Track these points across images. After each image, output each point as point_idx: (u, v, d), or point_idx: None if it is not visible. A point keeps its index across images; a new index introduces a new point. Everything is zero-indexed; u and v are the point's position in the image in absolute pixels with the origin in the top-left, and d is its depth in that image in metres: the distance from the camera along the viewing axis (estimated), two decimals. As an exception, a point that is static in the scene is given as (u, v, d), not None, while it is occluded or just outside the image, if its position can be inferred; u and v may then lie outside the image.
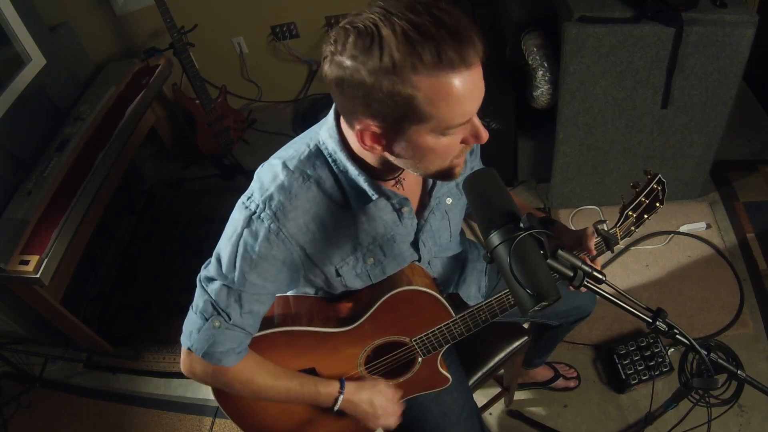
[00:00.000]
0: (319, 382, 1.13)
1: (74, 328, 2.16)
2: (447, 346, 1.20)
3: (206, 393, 2.15)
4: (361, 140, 0.85)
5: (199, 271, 1.03)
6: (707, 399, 1.03)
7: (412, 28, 0.72)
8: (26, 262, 1.85)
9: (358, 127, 0.83)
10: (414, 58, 0.73)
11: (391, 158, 0.88)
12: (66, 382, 2.29)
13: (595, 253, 1.09)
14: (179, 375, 2.23)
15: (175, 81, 2.93)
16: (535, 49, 2.06)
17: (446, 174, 0.91)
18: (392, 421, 1.21)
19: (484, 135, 0.84)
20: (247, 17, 2.97)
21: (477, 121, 0.83)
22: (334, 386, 1.14)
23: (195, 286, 1.03)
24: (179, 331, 1.04)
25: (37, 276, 1.84)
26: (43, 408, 2.22)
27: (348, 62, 0.76)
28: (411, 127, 0.80)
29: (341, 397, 1.13)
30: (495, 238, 0.77)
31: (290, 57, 3.14)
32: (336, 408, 1.14)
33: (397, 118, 0.79)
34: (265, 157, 1.02)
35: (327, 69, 0.80)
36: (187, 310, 1.04)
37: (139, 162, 3.13)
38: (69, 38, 2.64)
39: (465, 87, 0.76)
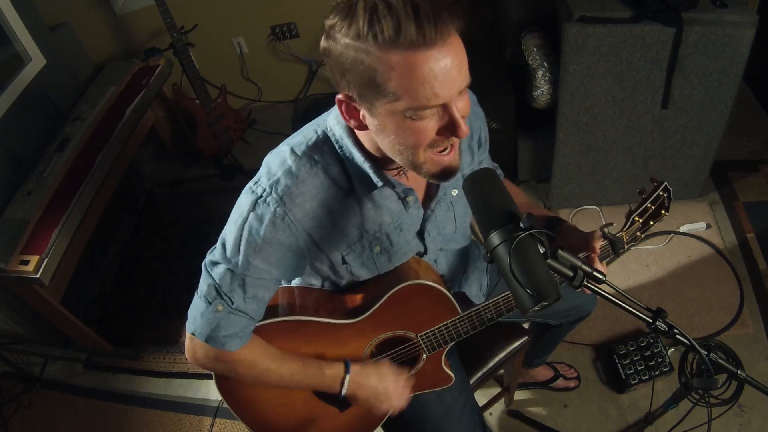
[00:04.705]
0: (323, 364, 1.12)
1: (74, 328, 2.16)
2: (452, 344, 1.20)
3: (206, 393, 2.15)
4: (341, 111, 0.87)
5: (199, 270, 1.03)
6: (707, 399, 1.03)
7: (382, 2, 0.74)
8: (26, 262, 1.85)
9: (339, 97, 0.86)
10: (376, 30, 0.74)
11: (376, 139, 0.89)
12: (66, 382, 2.29)
13: (598, 252, 1.09)
14: (179, 375, 2.23)
15: (175, 81, 2.93)
16: (535, 49, 2.06)
17: (437, 174, 0.88)
18: (402, 403, 1.17)
19: (463, 128, 0.82)
20: (247, 17, 2.97)
21: (455, 111, 0.81)
22: (339, 368, 1.12)
23: (195, 287, 1.03)
24: (179, 331, 1.04)
25: (37, 276, 1.83)
26: (43, 408, 2.22)
27: (330, 32, 0.80)
28: (378, 102, 0.80)
29: (348, 377, 1.11)
30: (495, 238, 0.77)
31: (290, 57, 3.14)
32: (343, 392, 1.12)
33: (364, 89, 0.80)
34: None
35: (321, 41, 0.83)
36: (187, 310, 1.04)
37: (139, 162, 3.13)
38: (69, 38, 2.64)
39: (428, 66, 0.75)
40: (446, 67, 0.76)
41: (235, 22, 3.00)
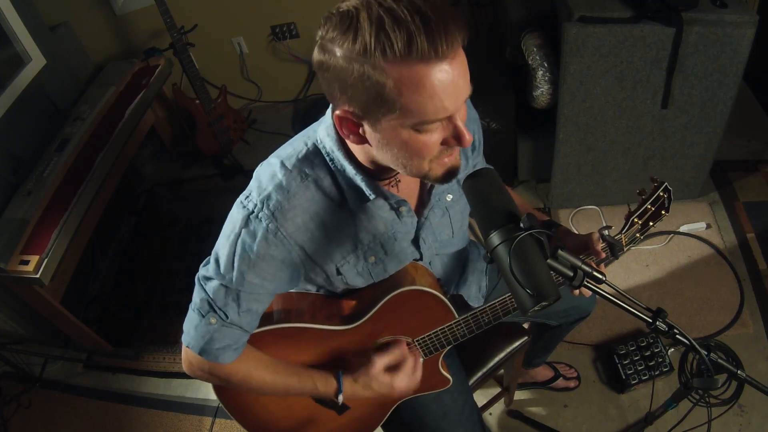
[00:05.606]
0: (317, 379, 1.12)
1: (74, 328, 2.16)
2: (448, 348, 1.20)
3: (206, 393, 2.15)
4: (340, 127, 0.85)
5: (198, 271, 1.03)
6: (707, 399, 1.03)
7: (387, 14, 0.71)
8: (26, 262, 1.85)
9: (337, 112, 0.83)
10: (385, 45, 0.72)
11: (375, 154, 0.88)
12: (66, 382, 2.29)
13: (603, 255, 1.08)
14: (179, 375, 2.23)
15: (175, 81, 2.93)
16: (535, 49, 2.06)
17: (431, 176, 0.88)
18: (405, 386, 1.13)
19: (467, 138, 0.81)
20: (247, 17, 2.97)
21: (459, 122, 0.80)
22: (332, 385, 1.12)
23: (195, 286, 1.03)
24: (179, 331, 1.04)
25: (37, 276, 1.83)
26: (43, 408, 2.22)
27: (328, 46, 0.77)
28: (384, 117, 0.79)
29: (341, 396, 1.13)
30: (495, 238, 0.77)
31: (290, 57, 3.14)
32: (339, 402, 1.14)
33: (369, 104, 0.78)
34: (265, 157, 1.01)
35: (314, 54, 0.81)
36: (187, 310, 1.04)
37: (139, 162, 3.13)
38: (69, 38, 2.64)
39: (437, 80, 0.74)
40: (455, 79, 0.75)
41: (235, 22, 3.00)
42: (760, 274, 2.16)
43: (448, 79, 0.75)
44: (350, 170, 0.93)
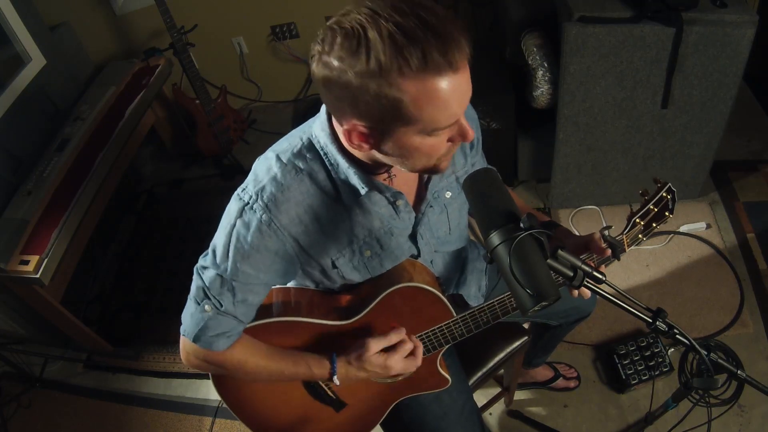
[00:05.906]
0: (312, 364, 1.11)
1: (74, 328, 2.16)
2: (447, 347, 1.20)
3: (206, 393, 2.15)
4: (349, 139, 0.86)
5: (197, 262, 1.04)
6: (707, 399, 1.03)
7: (398, 31, 0.72)
8: (26, 262, 1.85)
9: (345, 126, 0.84)
10: (400, 62, 0.73)
11: (378, 156, 0.89)
12: (66, 382, 2.29)
13: (608, 254, 1.07)
14: (179, 375, 2.23)
15: (175, 81, 2.93)
16: (535, 49, 2.06)
17: (432, 170, 0.92)
18: (401, 367, 1.11)
19: (471, 134, 0.85)
20: (247, 17, 2.97)
21: (464, 121, 0.84)
22: (325, 366, 1.11)
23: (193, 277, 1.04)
24: (179, 331, 1.05)
25: (37, 276, 1.83)
26: (43, 408, 2.22)
27: (335, 63, 0.77)
28: (398, 129, 0.81)
29: (335, 377, 1.11)
30: (495, 238, 0.77)
31: (290, 57, 3.14)
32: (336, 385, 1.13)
33: (384, 119, 0.79)
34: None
35: (315, 68, 0.81)
36: (187, 308, 1.05)
37: (139, 162, 3.13)
38: (69, 38, 2.64)
39: (452, 90, 0.77)
40: (463, 86, 0.79)
41: (235, 22, 3.00)
42: (760, 274, 2.16)
43: (458, 87, 0.77)
44: (343, 164, 0.95)
